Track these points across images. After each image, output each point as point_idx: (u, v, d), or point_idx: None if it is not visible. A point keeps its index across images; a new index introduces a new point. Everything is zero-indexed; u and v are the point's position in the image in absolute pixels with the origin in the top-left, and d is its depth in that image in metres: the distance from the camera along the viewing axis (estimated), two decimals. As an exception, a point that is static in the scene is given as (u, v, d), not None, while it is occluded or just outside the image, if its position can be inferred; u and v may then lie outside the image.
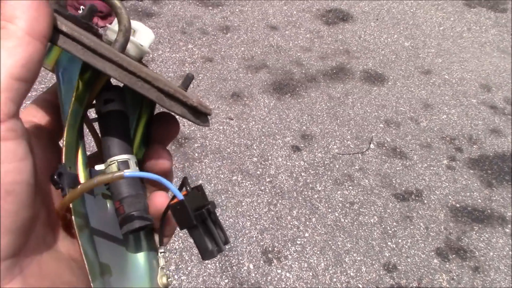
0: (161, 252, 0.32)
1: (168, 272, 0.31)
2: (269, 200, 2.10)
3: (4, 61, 0.22)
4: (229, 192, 2.11)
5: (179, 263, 1.82)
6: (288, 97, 2.67)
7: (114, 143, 0.31)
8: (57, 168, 0.27)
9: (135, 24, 0.33)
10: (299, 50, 3.05)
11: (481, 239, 2.05)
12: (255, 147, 2.34)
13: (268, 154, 2.31)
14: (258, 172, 2.22)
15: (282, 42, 3.10)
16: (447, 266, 1.94)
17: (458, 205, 2.18)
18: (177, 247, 1.88)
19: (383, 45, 3.21)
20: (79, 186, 0.27)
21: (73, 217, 0.27)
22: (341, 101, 2.69)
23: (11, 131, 0.23)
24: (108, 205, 0.32)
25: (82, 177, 0.29)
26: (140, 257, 0.32)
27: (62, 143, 0.29)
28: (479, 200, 2.22)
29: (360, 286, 1.83)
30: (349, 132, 2.49)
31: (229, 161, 2.25)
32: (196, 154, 2.25)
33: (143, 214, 0.30)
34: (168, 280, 0.31)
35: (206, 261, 1.84)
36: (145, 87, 0.27)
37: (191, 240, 1.89)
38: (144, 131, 0.35)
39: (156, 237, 0.33)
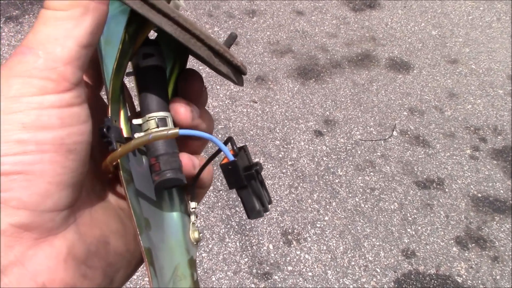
0: (192, 208, 0.32)
1: (198, 227, 0.32)
2: (290, 183, 2.12)
3: (72, 31, 0.23)
4: (251, 174, 2.13)
5: (200, 241, 1.86)
6: (312, 82, 2.68)
7: (153, 99, 0.31)
8: (103, 122, 0.28)
9: None
10: (325, 36, 3.04)
11: (502, 229, 2.04)
12: (278, 131, 2.36)
13: (291, 137, 2.33)
14: (280, 155, 2.24)
15: (308, 28, 3.09)
16: (466, 254, 1.94)
17: (479, 195, 2.18)
18: (198, 225, 1.91)
19: (409, 33, 3.18)
20: (132, 141, 0.27)
21: (120, 171, 0.28)
22: (365, 87, 2.69)
23: (78, 98, 0.24)
24: (143, 160, 0.32)
25: (124, 131, 0.29)
26: (174, 213, 0.32)
27: (105, 96, 0.30)
28: (502, 191, 2.20)
29: (378, 270, 1.85)
30: (372, 119, 2.49)
31: (252, 143, 2.28)
32: (220, 136, 2.27)
33: (177, 172, 0.30)
34: (200, 235, 0.32)
35: (227, 240, 1.88)
36: (198, 45, 0.28)
37: (213, 219, 1.93)
38: (174, 86, 0.35)
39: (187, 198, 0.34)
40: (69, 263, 0.24)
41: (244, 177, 0.29)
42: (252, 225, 1.94)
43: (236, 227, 1.93)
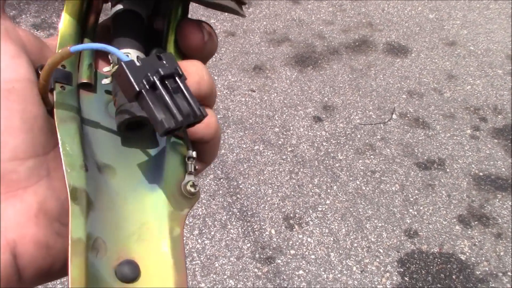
0: (189, 158, 0.27)
1: (196, 180, 0.27)
2: (291, 169, 2.12)
3: None
4: (251, 161, 2.14)
5: (203, 228, 1.87)
6: (310, 69, 2.68)
7: (119, 40, 0.29)
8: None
9: None
10: (322, 24, 3.04)
11: (504, 206, 2.04)
12: (276, 118, 2.36)
13: (290, 124, 2.33)
14: (280, 142, 2.24)
15: (304, 16, 3.09)
16: (469, 232, 1.94)
17: (481, 174, 2.17)
18: (200, 213, 1.92)
19: (407, 17, 3.17)
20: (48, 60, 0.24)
21: (54, 109, 0.25)
22: (363, 73, 2.68)
23: None
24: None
25: (84, 76, 0.27)
26: (154, 155, 0.28)
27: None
28: (503, 169, 2.20)
29: (381, 250, 1.85)
30: (371, 103, 2.49)
31: (251, 131, 2.28)
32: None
33: (133, 106, 0.26)
34: (197, 189, 0.27)
35: (229, 227, 1.88)
36: None
37: (214, 206, 1.94)
38: (175, 38, 0.31)
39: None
40: (41, 218, 0.22)
41: (138, 83, 0.23)
42: (254, 210, 1.95)
43: (238, 213, 1.94)
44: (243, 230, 1.88)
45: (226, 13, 2.24)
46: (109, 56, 0.30)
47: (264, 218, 1.93)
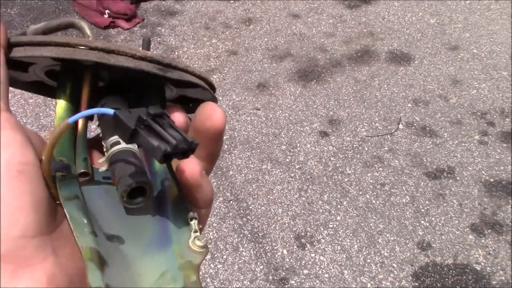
0: (191, 219, 0.29)
1: (204, 237, 0.28)
2: (300, 186, 2.12)
3: None
4: (260, 181, 2.14)
5: (215, 252, 1.87)
6: (314, 83, 2.68)
7: (108, 129, 0.31)
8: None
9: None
10: (323, 36, 3.04)
11: (517, 212, 2.02)
12: (283, 135, 2.36)
13: (296, 141, 2.33)
14: (287, 160, 2.24)
15: (305, 30, 3.10)
16: (483, 241, 1.92)
17: (492, 180, 2.15)
18: (211, 237, 1.93)
19: (407, 24, 3.17)
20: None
21: (58, 190, 0.27)
22: (367, 83, 2.68)
23: (7, 122, 0.25)
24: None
25: (81, 167, 0.29)
26: (159, 221, 0.30)
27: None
28: (514, 174, 2.18)
29: (395, 265, 1.84)
30: (376, 114, 2.49)
31: (258, 150, 2.28)
32: (226, 146, 2.29)
33: (135, 175, 0.28)
34: (204, 241, 0.28)
35: (241, 249, 1.88)
36: (134, 61, 0.28)
37: (225, 229, 1.94)
38: None
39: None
40: None
41: (131, 122, 0.25)
42: (265, 232, 1.95)
43: (249, 235, 1.94)
44: (255, 252, 1.88)
45: (227, 32, 2.25)
46: (103, 143, 0.31)
47: (275, 238, 1.93)
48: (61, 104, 0.30)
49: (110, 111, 0.26)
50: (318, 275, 1.80)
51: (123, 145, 0.30)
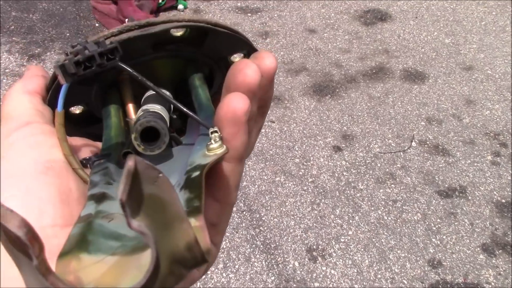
0: (212, 132, 0.25)
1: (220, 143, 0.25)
2: (312, 200, 2.15)
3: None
4: (273, 193, 2.17)
5: (227, 261, 1.90)
6: (328, 98, 2.71)
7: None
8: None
9: None
10: (338, 52, 3.08)
11: (529, 234, 2.03)
12: (296, 149, 2.39)
13: (310, 155, 2.36)
14: (301, 173, 2.27)
15: (321, 45, 3.14)
16: (493, 261, 1.93)
17: (503, 201, 2.17)
18: (224, 246, 1.95)
19: (422, 43, 3.20)
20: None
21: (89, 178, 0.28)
22: (381, 100, 2.71)
23: (39, 129, 0.28)
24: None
25: (124, 149, 0.30)
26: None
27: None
28: (526, 195, 2.19)
29: (405, 282, 1.85)
30: (390, 131, 2.51)
31: (272, 162, 2.31)
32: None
33: (153, 117, 0.28)
34: (217, 145, 0.25)
35: (253, 260, 1.91)
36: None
37: (238, 239, 1.97)
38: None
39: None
40: None
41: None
42: (277, 243, 1.97)
43: (261, 246, 1.96)
44: (267, 263, 1.90)
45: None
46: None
47: (287, 250, 1.95)
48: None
49: (62, 82, 0.25)
50: (329, 289, 1.82)
51: (145, 107, 0.30)
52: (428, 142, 2.45)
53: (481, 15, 3.49)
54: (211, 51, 0.33)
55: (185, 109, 0.28)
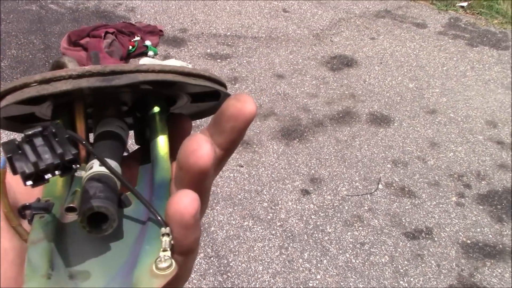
0: (163, 234, 0.25)
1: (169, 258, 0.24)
2: (281, 244, 2.14)
3: None
4: (241, 238, 2.16)
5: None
6: (296, 142, 2.75)
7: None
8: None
9: None
10: (306, 97, 3.14)
11: (494, 274, 2.05)
12: (265, 193, 2.40)
13: (278, 198, 2.37)
14: (269, 217, 2.27)
15: (289, 90, 3.20)
16: (460, 303, 1.94)
17: (469, 241, 2.19)
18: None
19: (387, 87, 3.29)
20: None
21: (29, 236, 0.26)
22: (348, 144, 2.76)
23: None
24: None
25: (69, 203, 0.28)
26: (136, 246, 0.27)
27: None
28: (490, 236, 2.23)
29: (374, 326, 1.84)
30: (357, 173, 2.54)
31: (240, 207, 2.31)
32: (208, 202, 2.31)
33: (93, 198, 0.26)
34: (170, 262, 0.24)
35: (220, 307, 1.87)
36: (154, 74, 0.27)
37: (205, 286, 1.93)
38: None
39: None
40: None
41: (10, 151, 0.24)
42: (245, 289, 1.95)
43: (229, 293, 1.93)
44: (234, 310, 1.87)
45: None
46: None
47: (255, 296, 1.93)
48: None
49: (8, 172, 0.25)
50: (297, 335, 1.80)
51: (95, 168, 0.28)
52: (394, 184, 2.49)
53: (443, 60, 3.63)
54: (180, 89, 0.33)
55: (144, 201, 0.27)
